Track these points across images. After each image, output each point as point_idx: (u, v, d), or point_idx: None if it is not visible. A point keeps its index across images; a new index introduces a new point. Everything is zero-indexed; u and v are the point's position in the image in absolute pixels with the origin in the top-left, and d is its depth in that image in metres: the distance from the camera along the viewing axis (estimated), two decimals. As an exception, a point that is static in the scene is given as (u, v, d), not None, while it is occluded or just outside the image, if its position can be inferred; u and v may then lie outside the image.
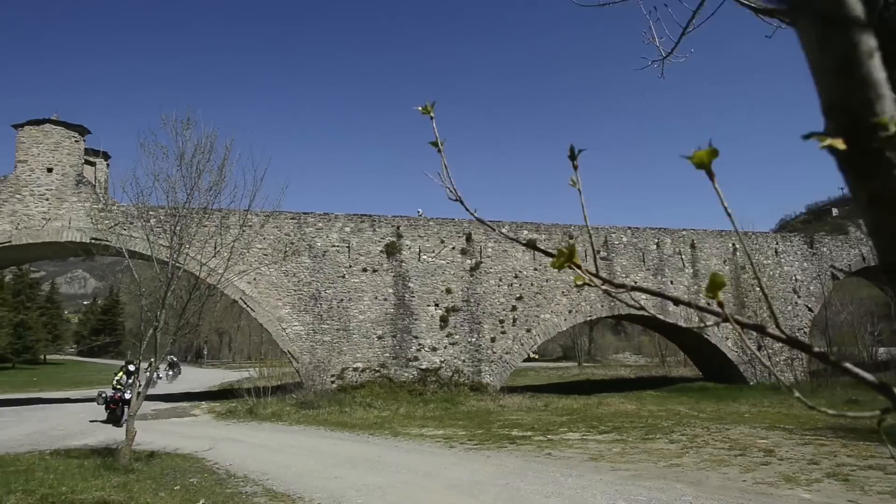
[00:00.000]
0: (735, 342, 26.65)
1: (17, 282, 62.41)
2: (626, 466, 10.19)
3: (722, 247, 27.45)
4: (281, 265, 21.84)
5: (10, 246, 21.05)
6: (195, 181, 10.04)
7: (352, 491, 8.35)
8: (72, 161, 21.65)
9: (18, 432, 14.62)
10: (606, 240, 25.69)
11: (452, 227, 23.71)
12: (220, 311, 56.43)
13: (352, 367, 21.55)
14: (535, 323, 23.82)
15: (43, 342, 59.51)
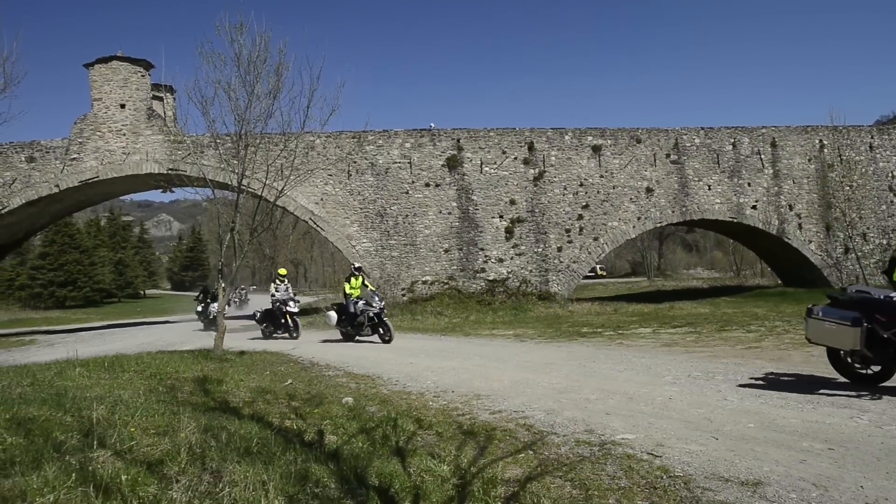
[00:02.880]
0: (819, 245, 25.22)
1: (111, 225, 67.20)
2: (702, 350, 10.06)
3: (807, 144, 25.49)
4: (346, 184, 22.23)
5: (98, 181, 22.43)
6: (254, 85, 10.17)
7: (426, 371, 8.73)
8: (141, 95, 22.44)
9: (129, 344, 16.07)
10: (677, 142, 24.41)
11: (514, 137, 23.18)
12: (293, 242, 58.84)
13: (421, 281, 22.09)
14: (602, 231, 23.36)
15: (141, 278, 64.52)
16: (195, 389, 6.76)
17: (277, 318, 15.76)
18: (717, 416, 5.37)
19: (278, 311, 15.66)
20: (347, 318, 13.68)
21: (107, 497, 2.95)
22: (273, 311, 15.86)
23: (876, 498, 3.36)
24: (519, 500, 3.48)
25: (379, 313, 13.25)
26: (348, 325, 13.73)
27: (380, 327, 13.21)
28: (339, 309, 14.50)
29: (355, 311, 13.49)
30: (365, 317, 13.35)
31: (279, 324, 15.76)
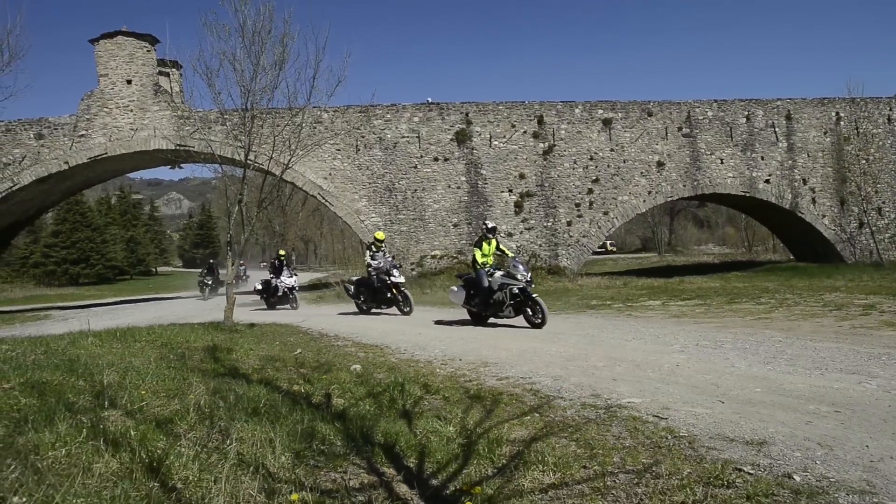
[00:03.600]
0: (833, 220, 24.91)
1: (122, 203, 67.71)
2: (711, 321, 10.04)
3: (823, 116, 25.02)
4: (354, 159, 22.17)
5: (107, 157, 22.52)
6: (259, 56, 10.10)
7: (434, 341, 8.78)
8: (147, 71, 22.38)
9: (140, 318, 16.26)
10: (689, 115, 24.06)
11: (523, 111, 22.94)
12: (303, 219, 59.02)
13: (430, 255, 22.13)
14: (612, 205, 23.20)
15: (152, 255, 65.19)
16: (205, 357, 6.84)
17: (378, 290, 13.54)
18: (723, 382, 5.37)
19: (379, 281, 13.37)
20: (479, 294, 10.50)
21: (116, 450, 3.01)
22: (370, 282, 13.66)
23: (881, 456, 3.35)
24: (524, 458, 3.50)
25: (525, 288, 9.97)
26: (481, 305, 10.58)
27: (528, 306, 9.93)
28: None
29: (491, 285, 10.32)
30: (507, 293, 10.09)
31: (382, 297, 13.54)
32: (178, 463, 2.92)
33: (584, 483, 3.14)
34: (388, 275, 13.17)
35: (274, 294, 17.69)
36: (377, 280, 13.32)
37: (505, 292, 10.14)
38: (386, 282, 13.21)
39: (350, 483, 3.03)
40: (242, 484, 2.74)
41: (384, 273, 13.23)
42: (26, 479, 2.52)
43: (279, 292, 17.47)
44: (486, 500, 2.84)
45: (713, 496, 2.86)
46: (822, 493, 2.86)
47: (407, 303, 13.17)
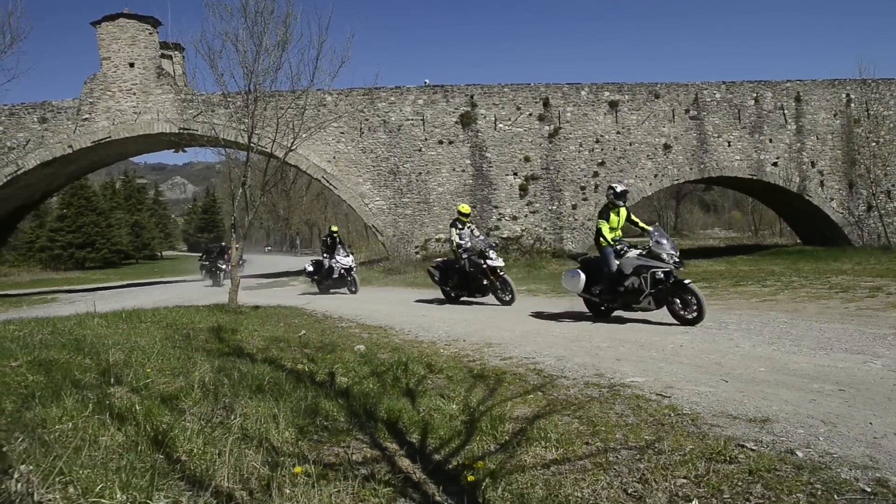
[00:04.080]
0: (841, 203, 24.70)
1: (126, 187, 67.90)
2: (715, 303, 10.00)
3: (833, 98, 24.68)
4: (358, 142, 22.08)
5: (111, 141, 22.49)
6: (261, 37, 10.02)
7: (438, 323, 8.80)
8: (149, 54, 22.25)
9: (146, 301, 16.38)
10: (697, 97, 23.79)
11: (528, 93, 22.74)
12: (307, 203, 59.06)
13: (434, 238, 22.11)
14: (617, 188, 23.04)
15: (157, 239, 65.54)
16: (210, 338, 6.88)
17: (471, 276, 11.21)
18: (727, 362, 5.36)
19: (472, 265, 11.10)
20: (603, 280, 8.27)
21: (122, 424, 3.04)
22: (460, 267, 11.38)
23: (885, 433, 3.35)
24: (526, 435, 3.52)
25: (672, 271, 7.71)
26: (607, 294, 8.26)
27: (675, 295, 7.68)
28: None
29: (621, 268, 8.05)
30: (646, 279, 7.78)
31: (476, 284, 11.22)
32: (183, 436, 2.94)
33: (587, 459, 3.15)
34: (482, 257, 10.99)
35: (328, 276, 15.60)
36: (469, 263, 11.09)
37: (643, 278, 7.76)
38: (481, 265, 10.97)
39: (353, 457, 3.05)
40: (246, 457, 2.76)
41: (477, 255, 11.09)
42: (34, 450, 2.55)
43: (334, 274, 15.40)
44: (488, 474, 2.86)
45: (715, 471, 2.87)
46: (824, 468, 2.87)
47: (507, 290, 10.90)
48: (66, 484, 2.32)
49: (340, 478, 2.68)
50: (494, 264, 10.95)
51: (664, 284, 7.72)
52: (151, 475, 2.42)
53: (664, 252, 7.82)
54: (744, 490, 2.66)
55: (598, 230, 8.44)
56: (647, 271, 7.82)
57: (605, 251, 8.32)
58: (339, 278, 15.50)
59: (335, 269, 15.50)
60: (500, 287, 11.00)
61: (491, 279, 11.01)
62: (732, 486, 2.71)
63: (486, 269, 10.98)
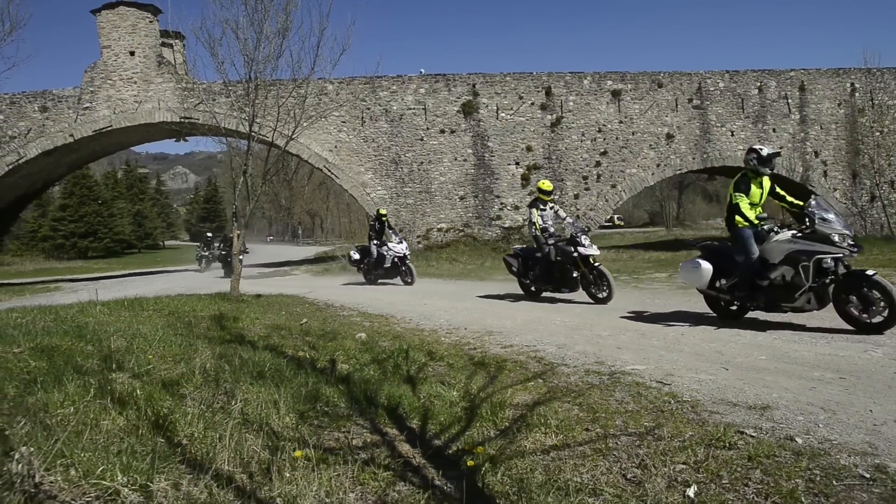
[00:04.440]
0: (844, 193, 24.60)
1: (128, 177, 67.90)
2: (716, 293, 9.99)
3: (837, 87, 24.52)
4: (360, 131, 22.02)
5: (112, 130, 22.45)
6: (262, 24, 9.96)
7: (440, 311, 8.81)
8: (150, 42, 22.16)
9: (148, 289, 16.42)
10: (700, 86, 23.65)
11: (531, 82, 22.62)
12: (309, 193, 59.04)
13: (436, 228, 22.09)
14: (620, 178, 23.01)
15: (160, 229, 65.62)
16: (212, 325, 6.90)
17: (558, 267, 9.28)
18: (728, 350, 5.37)
19: (560, 253, 9.17)
20: (739, 271, 6.49)
21: (123, 408, 3.05)
22: (543, 255, 9.39)
23: (884, 420, 3.35)
24: (526, 421, 3.53)
25: (841, 259, 5.93)
26: (743, 290, 6.52)
27: (851, 291, 5.81)
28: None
29: (766, 255, 6.32)
30: (806, 269, 5.97)
31: (564, 276, 9.24)
32: (184, 421, 2.96)
33: (586, 444, 3.16)
34: (573, 244, 9.03)
35: (378, 265, 14.21)
36: (556, 252, 9.15)
37: (801, 267, 5.95)
38: (570, 254, 9.00)
39: (353, 442, 3.06)
40: (247, 441, 2.78)
41: (566, 242, 9.23)
42: (36, 433, 2.57)
43: (385, 262, 14.05)
44: (487, 459, 2.87)
45: (714, 457, 2.88)
46: (823, 454, 2.87)
47: (603, 285, 8.92)
48: (67, 466, 2.34)
49: (340, 462, 2.69)
50: (587, 252, 8.96)
51: (833, 276, 5.89)
52: (152, 458, 2.44)
53: (834, 232, 5.90)
54: (743, 476, 2.67)
55: (734, 207, 6.53)
56: (808, 258, 5.92)
57: (742, 234, 6.45)
58: (391, 268, 14.05)
59: (387, 257, 14.05)
60: (595, 281, 9.00)
61: (583, 270, 9.04)
62: (731, 471, 2.71)
63: (576, 259, 8.99)
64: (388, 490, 2.51)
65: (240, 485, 2.38)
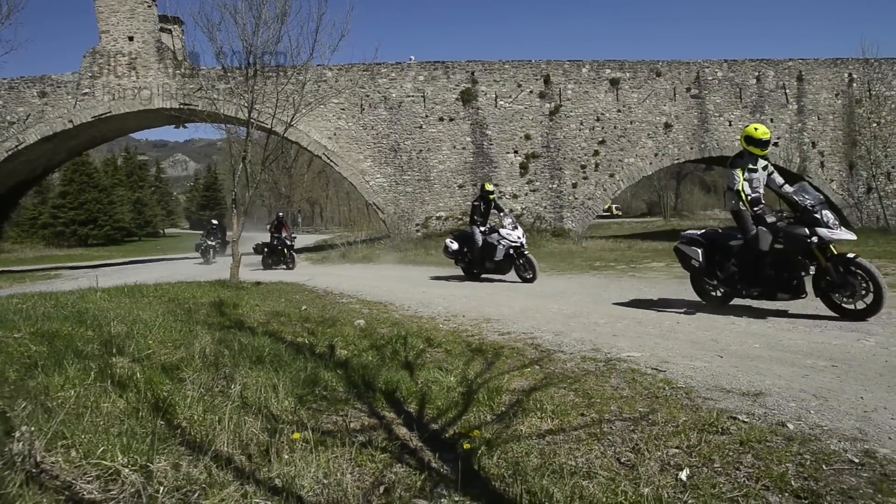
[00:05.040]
0: (840, 184, 24.62)
1: (128, 164, 67.65)
2: (713, 282, 10.04)
3: (835, 77, 24.47)
4: (359, 118, 21.95)
5: (111, 116, 22.36)
6: (260, 9, 9.92)
7: (438, 299, 8.85)
8: (149, 27, 22.02)
9: (149, 277, 16.41)
10: (698, 75, 23.58)
11: (529, 70, 22.53)
12: (308, 181, 58.88)
13: (435, 216, 22.10)
14: (618, 168, 22.99)
15: (159, 217, 65.50)
16: (211, 312, 6.94)
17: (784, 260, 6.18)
18: (723, 338, 5.41)
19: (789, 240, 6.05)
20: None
21: (123, 391, 3.09)
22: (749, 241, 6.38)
23: (875, 407, 3.40)
24: (523, 406, 3.57)
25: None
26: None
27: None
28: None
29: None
30: None
31: (789, 275, 6.19)
32: (183, 404, 3.00)
33: (582, 429, 3.20)
34: (810, 224, 5.92)
35: (487, 256, 11.05)
36: (789, 238, 6.07)
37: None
38: (804, 240, 5.95)
39: (351, 425, 3.11)
40: (246, 424, 2.81)
41: (802, 222, 6.04)
42: (36, 415, 2.60)
43: (497, 254, 10.84)
44: (484, 443, 2.91)
45: (707, 441, 2.92)
46: (814, 439, 2.92)
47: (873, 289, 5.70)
48: (68, 447, 2.38)
49: (338, 444, 2.73)
50: (838, 236, 5.91)
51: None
52: (152, 440, 2.47)
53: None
54: (734, 460, 2.71)
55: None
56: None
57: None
58: (504, 260, 10.82)
59: (499, 248, 10.83)
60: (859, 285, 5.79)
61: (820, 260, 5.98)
62: (723, 455, 2.75)
63: (810, 247, 5.93)
64: (386, 472, 2.55)
65: (239, 466, 2.42)
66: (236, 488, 2.20)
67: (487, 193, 11.79)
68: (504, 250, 10.89)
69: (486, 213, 11.81)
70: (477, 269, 11.57)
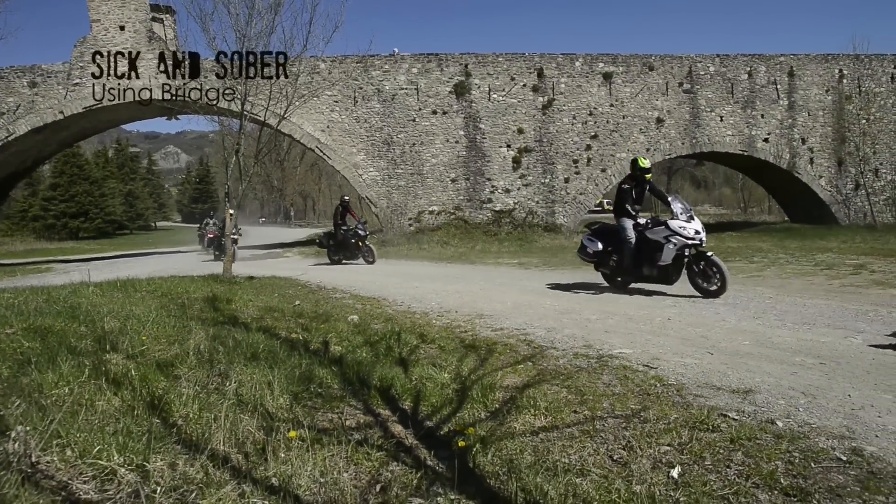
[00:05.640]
0: (829, 181, 24.78)
1: (119, 156, 67.01)
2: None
3: (826, 74, 24.58)
4: (352, 111, 21.86)
5: (102, 107, 22.10)
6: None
7: (431, 294, 8.87)
8: (140, 17, 21.78)
9: (141, 271, 16.32)
10: (691, 70, 23.62)
11: (523, 63, 22.50)
12: (301, 174, 58.63)
13: (427, 211, 22.09)
14: (610, 163, 23.04)
15: (151, 210, 64.98)
16: (205, 307, 6.92)
17: None
18: (713, 335, 5.47)
19: None
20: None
21: (118, 389, 3.09)
22: None
23: (862, 405, 3.46)
24: (516, 403, 3.60)
25: None
26: None
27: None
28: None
29: None
30: None
31: None
32: (179, 402, 3.00)
33: (574, 426, 3.23)
34: None
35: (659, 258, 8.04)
36: None
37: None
38: None
39: (346, 422, 3.13)
40: (241, 422, 2.83)
41: None
42: (31, 414, 2.60)
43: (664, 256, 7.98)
44: (478, 440, 2.94)
45: (698, 439, 2.96)
46: (802, 437, 2.96)
47: None
48: (63, 446, 2.38)
49: (334, 442, 2.74)
50: None
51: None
52: (148, 438, 2.48)
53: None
54: (725, 457, 2.75)
55: None
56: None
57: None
58: (672, 265, 7.98)
59: (667, 247, 7.93)
60: None
61: None
62: (714, 453, 2.80)
63: None
64: (382, 470, 2.57)
65: (235, 465, 2.43)
66: (233, 488, 2.21)
67: (643, 172, 8.68)
68: (675, 250, 7.92)
69: (639, 199, 8.72)
70: (627, 277, 8.67)
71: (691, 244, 7.96)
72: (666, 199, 8.48)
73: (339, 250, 14.62)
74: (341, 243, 14.51)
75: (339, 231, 14.64)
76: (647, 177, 8.76)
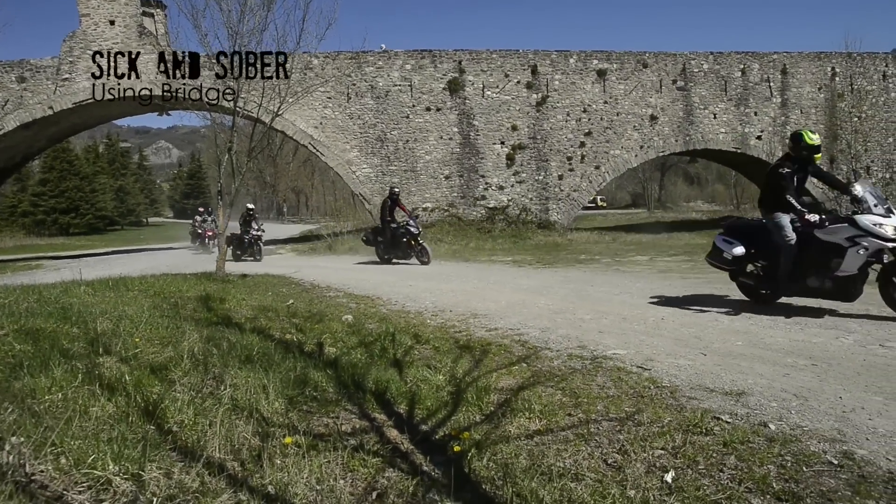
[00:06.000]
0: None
1: (109, 151, 66.48)
2: (696, 276, 10.17)
3: (819, 71, 24.70)
4: (345, 107, 21.78)
5: (92, 103, 21.91)
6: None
7: (425, 293, 8.88)
8: (130, 11, 21.59)
9: (133, 268, 16.23)
10: (684, 67, 23.68)
11: (517, 60, 22.47)
12: (294, 170, 58.38)
13: (421, 207, 22.06)
14: (604, 160, 23.08)
15: (143, 205, 64.54)
16: (198, 307, 6.89)
17: None
18: (706, 335, 5.50)
19: None
20: None
21: (112, 394, 3.08)
22: None
23: (853, 407, 3.49)
24: (511, 406, 3.61)
25: None
26: None
27: None
28: None
29: None
30: None
31: None
32: (174, 407, 2.99)
33: (569, 430, 3.25)
34: None
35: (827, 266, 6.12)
36: None
37: None
38: None
39: (342, 427, 3.13)
40: (237, 428, 2.82)
41: None
42: (24, 421, 2.58)
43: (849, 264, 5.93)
44: (473, 444, 2.94)
45: (692, 443, 2.98)
46: (795, 440, 2.99)
47: None
48: (57, 455, 2.36)
49: (330, 448, 2.75)
50: None
51: None
52: (143, 446, 2.47)
53: None
54: (718, 461, 2.77)
55: None
56: None
57: None
58: (858, 276, 6.04)
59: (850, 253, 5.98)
60: None
61: None
62: (707, 457, 2.82)
63: None
64: (378, 476, 2.58)
65: (231, 472, 2.43)
66: (229, 496, 2.21)
67: (810, 151, 6.58)
68: (865, 256, 5.95)
69: (799, 188, 6.72)
70: (780, 290, 6.68)
71: (892, 247, 5.84)
72: (846, 187, 6.49)
73: (389, 249, 13.11)
74: (391, 241, 12.95)
75: (387, 227, 13.06)
76: (815, 157, 6.62)
